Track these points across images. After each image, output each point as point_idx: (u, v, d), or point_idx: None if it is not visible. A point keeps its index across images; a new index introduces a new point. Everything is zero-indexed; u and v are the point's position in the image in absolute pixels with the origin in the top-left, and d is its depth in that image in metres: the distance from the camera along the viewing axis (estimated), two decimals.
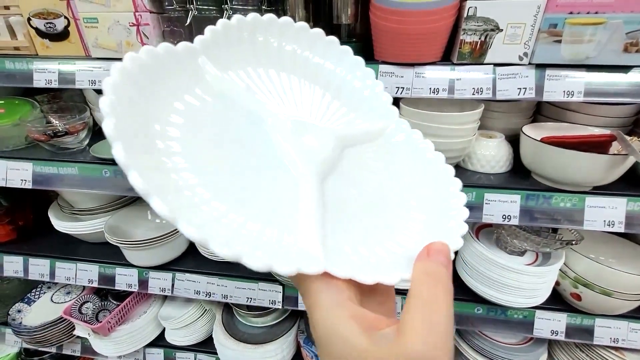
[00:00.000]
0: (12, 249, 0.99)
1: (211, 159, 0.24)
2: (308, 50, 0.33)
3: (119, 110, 0.19)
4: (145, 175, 0.18)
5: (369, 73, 0.34)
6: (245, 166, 0.25)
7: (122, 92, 0.20)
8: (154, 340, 1.12)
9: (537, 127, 0.73)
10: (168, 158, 0.21)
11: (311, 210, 0.24)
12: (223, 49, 0.28)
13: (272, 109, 0.30)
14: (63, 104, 0.90)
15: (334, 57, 0.34)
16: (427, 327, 0.19)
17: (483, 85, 0.64)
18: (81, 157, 0.81)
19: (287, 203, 0.24)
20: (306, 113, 0.32)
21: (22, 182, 0.81)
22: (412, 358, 0.18)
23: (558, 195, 0.66)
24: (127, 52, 0.72)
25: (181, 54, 0.26)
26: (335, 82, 0.34)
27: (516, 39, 0.61)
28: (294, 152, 0.27)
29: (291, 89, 0.32)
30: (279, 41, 0.32)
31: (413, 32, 0.61)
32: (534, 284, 0.76)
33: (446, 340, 0.19)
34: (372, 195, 0.30)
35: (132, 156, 0.18)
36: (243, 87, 0.30)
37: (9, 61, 0.76)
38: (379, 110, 0.34)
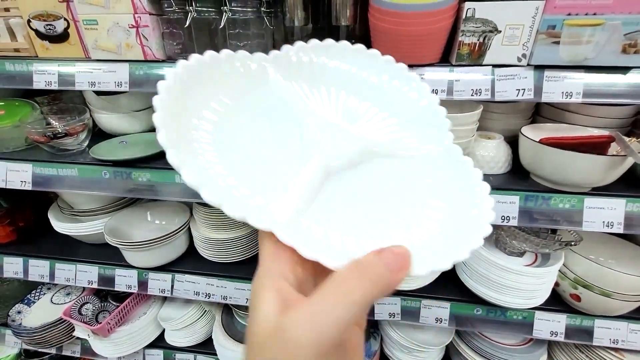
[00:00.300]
0: (12, 250, 1.00)
1: (240, 144, 0.28)
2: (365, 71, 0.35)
3: (168, 101, 0.24)
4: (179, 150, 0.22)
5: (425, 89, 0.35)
6: (268, 150, 0.29)
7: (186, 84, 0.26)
8: (154, 341, 1.12)
9: (536, 128, 0.73)
10: (198, 143, 0.26)
11: (299, 187, 0.26)
12: (285, 64, 0.33)
13: (315, 112, 0.33)
14: (63, 105, 0.90)
15: (388, 73, 0.35)
16: (310, 311, 0.18)
17: (482, 87, 0.64)
18: (81, 159, 0.81)
19: (285, 181, 0.27)
20: (350, 123, 0.34)
21: (22, 183, 0.81)
22: (275, 334, 0.18)
23: (557, 196, 0.66)
24: (126, 53, 0.73)
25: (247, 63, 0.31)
26: (390, 99, 0.35)
27: (515, 40, 0.61)
28: (315, 144, 0.30)
29: (344, 103, 0.35)
30: (335, 61, 0.35)
31: (411, 33, 0.62)
32: (533, 284, 0.76)
33: (325, 330, 0.18)
34: (387, 190, 0.31)
35: (171, 137, 0.22)
36: (300, 94, 0.33)
37: (9, 63, 0.76)
38: (433, 130, 0.34)
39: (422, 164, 0.32)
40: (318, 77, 0.34)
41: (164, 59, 0.73)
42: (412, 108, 0.34)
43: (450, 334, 0.98)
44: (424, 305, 0.86)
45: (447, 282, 0.88)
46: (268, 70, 0.32)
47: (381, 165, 0.32)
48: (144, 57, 0.71)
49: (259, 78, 0.31)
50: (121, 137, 0.90)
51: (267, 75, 0.32)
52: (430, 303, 0.85)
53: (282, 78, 0.33)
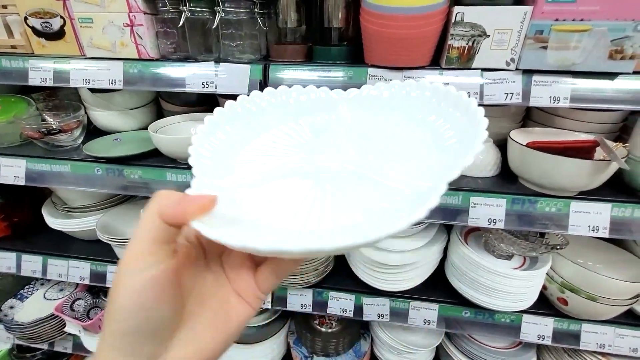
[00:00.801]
0: (5, 245, 1.00)
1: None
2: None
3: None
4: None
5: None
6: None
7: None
8: None
9: (525, 132, 0.74)
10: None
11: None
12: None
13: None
14: (58, 102, 0.91)
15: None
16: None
17: (470, 90, 0.65)
18: (75, 155, 0.81)
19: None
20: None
21: (15, 178, 0.82)
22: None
23: (543, 200, 0.66)
24: (121, 52, 0.73)
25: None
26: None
27: (503, 44, 0.62)
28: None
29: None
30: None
31: (402, 36, 0.62)
32: (520, 287, 0.76)
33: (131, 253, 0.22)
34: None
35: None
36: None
37: (5, 59, 0.77)
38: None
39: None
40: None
41: (158, 57, 0.74)
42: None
43: (439, 336, 0.99)
44: (412, 306, 0.86)
45: (436, 284, 0.88)
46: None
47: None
48: (138, 56, 0.72)
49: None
50: (115, 134, 0.91)
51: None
52: (419, 305, 0.86)
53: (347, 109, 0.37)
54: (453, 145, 0.30)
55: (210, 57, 0.72)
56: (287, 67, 0.69)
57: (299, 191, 0.32)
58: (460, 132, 0.30)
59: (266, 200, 0.30)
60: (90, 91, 0.87)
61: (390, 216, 0.26)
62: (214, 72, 0.71)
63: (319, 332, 1.02)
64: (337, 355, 1.03)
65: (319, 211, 0.29)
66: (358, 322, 1.05)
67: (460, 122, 0.31)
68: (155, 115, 0.97)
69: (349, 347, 1.04)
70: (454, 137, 0.31)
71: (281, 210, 0.29)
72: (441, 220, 0.70)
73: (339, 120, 0.38)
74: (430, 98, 0.34)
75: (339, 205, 0.30)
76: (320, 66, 0.68)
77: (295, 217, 0.28)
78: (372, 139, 0.36)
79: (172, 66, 0.72)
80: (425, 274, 0.87)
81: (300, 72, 0.68)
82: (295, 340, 1.07)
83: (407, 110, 0.35)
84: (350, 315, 0.90)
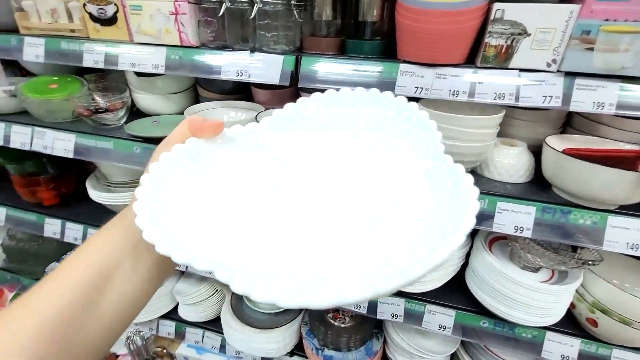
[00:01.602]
0: (53, 212, 1.09)
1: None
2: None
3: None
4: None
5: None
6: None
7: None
8: (168, 312, 1.19)
9: (563, 139, 0.70)
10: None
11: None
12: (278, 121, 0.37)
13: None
14: (107, 84, 0.99)
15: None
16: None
17: (505, 91, 0.62)
18: (117, 133, 0.88)
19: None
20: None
21: (65, 151, 0.90)
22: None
23: (577, 212, 0.62)
24: (165, 38, 0.78)
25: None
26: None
27: (545, 44, 0.59)
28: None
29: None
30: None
31: (438, 32, 0.61)
32: (546, 302, 0.72)
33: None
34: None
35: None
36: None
37: (64, 42, 0.84)
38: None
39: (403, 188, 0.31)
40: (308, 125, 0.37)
41: (197, 45, 0.78)
42: (400, 125, 0.34)
43: (454, 344, 0.96)
44: (428, 310, 0.84)
45: (454, 290, 0.85)
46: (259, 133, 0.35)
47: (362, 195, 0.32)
48: (180, 43, 0.76)
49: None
50: (154, 117, 0.97)
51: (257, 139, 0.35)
52: (435, 309, 0.84)
53: (272, 133, 0.36)
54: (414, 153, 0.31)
55: (246, 47, 0.75)
56: (318, 59, 0.70)
57: (306, 234, 0.29)
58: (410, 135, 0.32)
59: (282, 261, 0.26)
60: (136, 75, 0.93)
61: (416, 242, 0.24)
62: (248, 61, 0.73)
63: (331, 326, 1.03)
64: (348, 351, 1.03)
65: (339, 252, 0.27)
66: (372, 320, 1.05)
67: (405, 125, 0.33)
68: (193, 100, 1.02)
69: (360, 344, 1.04)
70: (407, 145, 0.32)
71: (305, 259, 0.26)
72: None
73: (286, 147, 0.36)
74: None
75: (353, 239, 0.28)
76: (351, 59, 0.69)
77: (322, 260, 0.26)
78: (332, 160, 0.35)
79: (210, 54, 0.75)
80: (444, 278, 0.84)
81: (331, 64, 0.69)
82: (308, 332, 1.08)
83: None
84: (364, 312, 0.90)
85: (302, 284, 0.22)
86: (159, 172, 0.28)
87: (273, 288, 0.20)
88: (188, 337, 1.18)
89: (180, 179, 0.29)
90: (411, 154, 0.32)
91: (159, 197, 0.26)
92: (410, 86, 0.66)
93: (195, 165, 0.31)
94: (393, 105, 0.34)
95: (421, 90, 0.66)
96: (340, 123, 0.36)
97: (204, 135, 0.32)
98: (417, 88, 0.66)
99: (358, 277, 0.23)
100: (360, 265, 0.25)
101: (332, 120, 0.36)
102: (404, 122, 0.33)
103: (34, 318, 0.25)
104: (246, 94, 1.02)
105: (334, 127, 0.36)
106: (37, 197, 1.09)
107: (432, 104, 0.72)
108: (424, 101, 0.75)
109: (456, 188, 0.25)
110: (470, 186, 0.24)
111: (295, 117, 0.36)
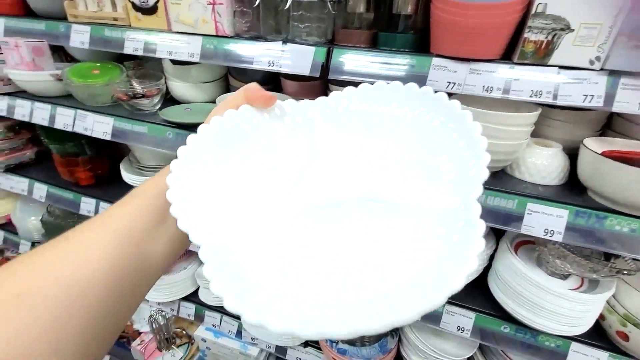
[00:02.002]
0: (89, 192, 1.15)
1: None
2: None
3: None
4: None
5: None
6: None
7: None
8: (189, 295, 1.23)
9: (603, 142, 0.66)
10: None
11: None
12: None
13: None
14: (144, 71, 1.03)
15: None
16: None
17: (543, 88, 0.60)
18: (152, 119, 0.91)
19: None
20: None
21: (104, 134, 0.95)
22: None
23: (614, 218, 0.60)
24: (201, 28, 0.80)
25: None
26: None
27: (589, 40, 0.56)
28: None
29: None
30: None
31: (475, 26, 0.60)
32: (574, 311, 0.69)
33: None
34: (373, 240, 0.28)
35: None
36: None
37: (108, 29, 0.89)
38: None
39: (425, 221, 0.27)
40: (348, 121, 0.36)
41: (232, 35, 0.80)
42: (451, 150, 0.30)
43: (472, 349, 0.94)
44: (447, 310, 0.83)
45: (476, 292, 0.84)
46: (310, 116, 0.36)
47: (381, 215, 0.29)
48: (215, 32, 0.79)
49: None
50: (187, 104, 1.00)
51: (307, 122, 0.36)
52: (455, 310, 0.82)
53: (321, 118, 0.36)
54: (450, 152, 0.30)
55: (279, 38, 0.76)
56: (350, 51, 0.70)
57: (321, 239, 0.27)
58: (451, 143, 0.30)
59: (283, 264, 0.25)
60: (172, 63, 0.97)
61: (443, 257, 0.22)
62: (280, 52, 0.74)
63: None
64: (362, 346, 1.03)
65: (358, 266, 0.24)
66: None
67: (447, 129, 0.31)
68: (224, 90, 1.05)
69: (375, 340, 1.04)
70: (445, 154, 0.30)
71: (313, 271, 0.24)
72: (492, 223, 0.67)
73: (322, 141, 0.35)
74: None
75: (374, 253, 0.25)
76: (383, 52, 0.68)
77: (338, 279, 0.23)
78: (366, 158, 0.34)
79: (244, 43, 0.77)
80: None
81: (362, 56, 0.69)
82: None
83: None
84: None
85: (317, 310, 0.20)
86: (205, 135, 0.30)
87: (289, 314, 0.19)
88: (207, 320, 1.21)
89: (221, 146, 0.31)
90: (449, 185, 0.28)
91: (194, 167, 0.28)
92: (442, 81, 0.65)
93: (237, 133, 0.32)
94: (442, 112, 0.32)
95: (453, 85, 0.65)
96: (383, 123, 0.35)
97: (258, 104, 0.33)
98: (449, 83, 0.65)
99: (375, 307, 0.21)
100: (372, 290, 0.22)
101: (375, 118, 0.35)
102: (450, 133, 0.30)
103: (115, 226, 0.28)
104: (275, 85, 1.03)
105: (377, 126, 0.35)
106: (74, 177, 1.15)
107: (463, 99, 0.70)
108: (455, 97, 0.74)
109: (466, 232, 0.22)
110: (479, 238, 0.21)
111: (343, 109, 0.36)
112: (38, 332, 0.21)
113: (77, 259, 0.25)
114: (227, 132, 0.31)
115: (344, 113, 0.36)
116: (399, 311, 0.18)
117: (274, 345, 1.13)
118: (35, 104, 1.00)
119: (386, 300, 0.21)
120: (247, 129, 0.33)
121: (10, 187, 1.21)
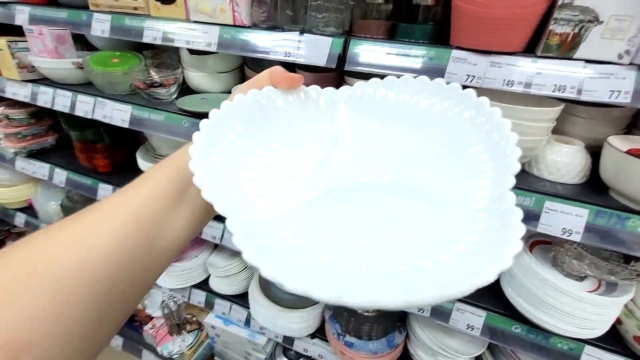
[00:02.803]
0: (106, 178, 1.18)
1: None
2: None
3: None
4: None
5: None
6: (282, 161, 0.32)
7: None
8: (200, 283, 1.26)
9: (628, 140, 0.64)
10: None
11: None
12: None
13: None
14: (162, 60, 1.04)
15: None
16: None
17: (567, 83, 0.58)
18: (168, 107, 0.93)
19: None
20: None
21: (122, 121, 0.96)
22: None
23: (638, 219, 0.58)
24: (219, 17, 0.80)
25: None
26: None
27: (618, 34, 0.54)
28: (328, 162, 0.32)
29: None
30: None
31: (500, 17, 0.58)
32: (590, 314, 0.68)
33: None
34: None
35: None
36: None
37: (128, 18, 0.90)
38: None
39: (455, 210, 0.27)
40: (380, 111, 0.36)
41: (249, 25, 0.80)
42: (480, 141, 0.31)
43: (481, 347, 0.93)
44: (457, 308, 0.82)
45: (487, 290, 0.82)
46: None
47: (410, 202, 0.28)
48: (233, 22, 0.79)
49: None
50: (203, 94, 1.01)
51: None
52: (465, 308, 0.82)
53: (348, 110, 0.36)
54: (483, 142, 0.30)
55: (296, 28, 0.75)
56: (367, 42, 0.69)
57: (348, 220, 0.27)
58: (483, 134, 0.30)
59: (312, 239, 0.24)
60: (189, 52, 0.97)
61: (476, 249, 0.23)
62: (296, 43, 0.74)
63: (355, 313, 1.03)
64: (369, 340, 1.03)
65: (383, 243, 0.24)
66: (396, 312, 1.04)
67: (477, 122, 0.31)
68: (239, 80, 1.05)
69: (382, 335, 1.04)
70: (479, 143, 0.31)
71: (346, 247, 0.24)
72: None
73: (345, 126, 0.35)
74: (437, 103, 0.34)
75: (401, 233, 0.25)
76: (401, 44, 0.67)
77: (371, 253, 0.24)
78: (392, 144, 0.34)
79: (261, 33, 0.77)
80: None
81: (380, 47, 0.68)
82: (331, 316, 1.10)
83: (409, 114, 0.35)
84: None
85: (362, 279, 0.21)
86: (229, 111, 0.30)
87: (332, 282, 0.20)
88: (217, 308, 1.24)
89: (243, 123, 0.31)
90: (486, 174, 0.28)
91: (216, 141, 0.28)
92: (461, 74, 0.64)
93: (260, 114, 0.32)
94: (471, 105, 0.33)
95: (472, 78, 0.63)
96: (409, 113, 0.35)
97: (283, 85, 0.34)
98: (468, 76, 0.63)
99: (420, 276, 0.21)
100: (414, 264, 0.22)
101: (400, 108, 0.35)
102: (482, 125, 0.31)
103: (127, 208, 0.27)
104: None
105: (403, 117, 0.35)
106: (93, 164, 1.18)
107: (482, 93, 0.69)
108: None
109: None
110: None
111: (368, 98, 0.36)
112: (46, 312, 0.21)
113: (87, 240, 0.25)
114: (250, 110, 0.31)
115: (369, 102, 0.36)
116: (452, 284, 0.19)
117: (282, 335, 1.14)
118: (57, 91, 1.03)
119: (426, 276, 0.21)
120: (270, 109, 0.33)
121: (33, 172, 1.25)
